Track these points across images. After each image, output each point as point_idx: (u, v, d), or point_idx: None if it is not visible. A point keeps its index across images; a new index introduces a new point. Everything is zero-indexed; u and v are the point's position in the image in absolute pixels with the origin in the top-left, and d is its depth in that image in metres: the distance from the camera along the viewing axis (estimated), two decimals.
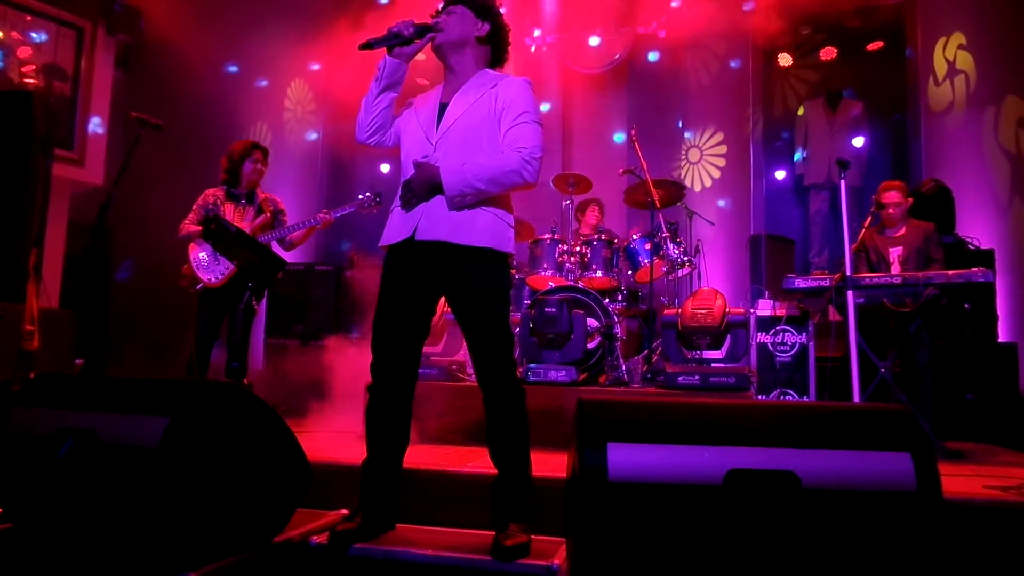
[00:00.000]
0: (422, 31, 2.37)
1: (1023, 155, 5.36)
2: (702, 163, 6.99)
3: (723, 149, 6.93)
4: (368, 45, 2.35)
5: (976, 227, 5.24)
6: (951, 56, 5.87)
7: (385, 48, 2.37)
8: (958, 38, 5.83)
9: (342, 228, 7.67)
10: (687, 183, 6.85)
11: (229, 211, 4.03)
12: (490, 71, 2.48)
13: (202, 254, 3.96)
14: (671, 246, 4.64)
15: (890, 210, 4.14)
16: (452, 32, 2.40)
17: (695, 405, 1.89)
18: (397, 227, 2.36)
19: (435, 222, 2.28)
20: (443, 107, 2.40)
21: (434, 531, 2.43)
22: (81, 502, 1.98)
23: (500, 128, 2.33)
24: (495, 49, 2.50)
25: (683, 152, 7.04)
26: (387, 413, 2.37)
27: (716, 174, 6.93)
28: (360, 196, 4.18)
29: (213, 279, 3.92)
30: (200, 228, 3.93)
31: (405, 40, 2.35)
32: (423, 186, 2.27)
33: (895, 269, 4.06)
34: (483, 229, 2.28)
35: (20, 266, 3.61)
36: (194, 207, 4.06)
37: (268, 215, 4.06)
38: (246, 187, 4.10)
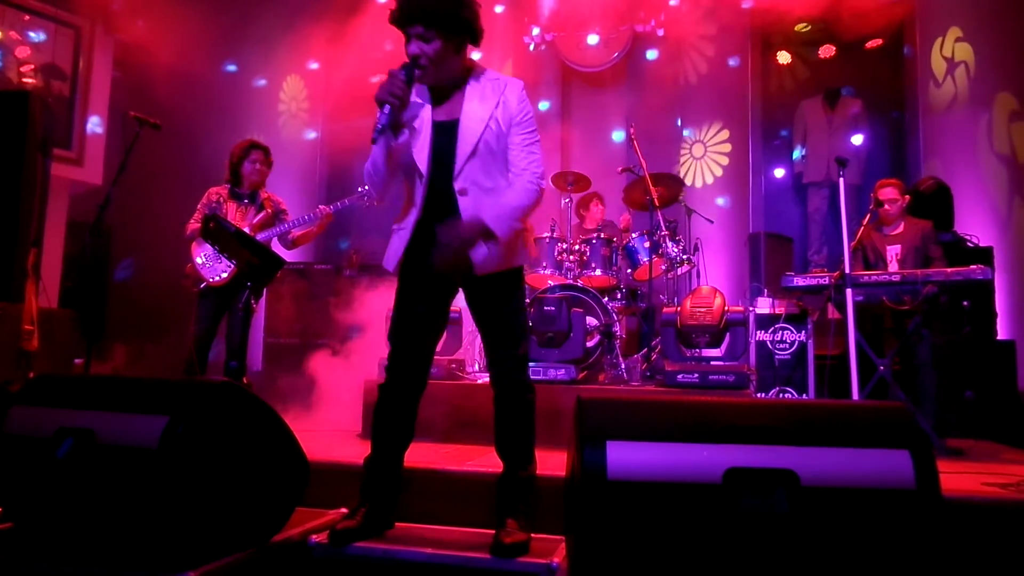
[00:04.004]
0: (409, 78, 2.18)
1: (1020, 153, 5.36)
2: (706, 159, 6.95)
3: (727, 148, 6.89)
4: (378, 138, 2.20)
5: (975, 225, 5.23)
6: (948, 52, 5.86)
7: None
8: (955, 32, 5.82)
9: (341, 227, 7.67)
10: (688, 180, 6.81)
11: (231, 210, 4.02)
12: (484, 71, 2.36)
13: (205, 253, 3.96)
14: (670, 244, 4.64)
15: (887, 207, 4.13)
16: (437, 68, 2.24)
17: (694, 403, 1.90)
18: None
19: (493, 256, 2.26)
20: (445, 126, 2.29)
21: (433, 529, 2.43)
22: (80, 502, 1.98)
23: (508, 138, 2.31)
24: (472, 39, 2.31)
25: (688, 147, 6.99)
26: (397, 413, 2.41)
27: (718, 171, 6.89)
28: (360, 189, 4.17)
29: (216, 278, 3.91)
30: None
31: (402, 104, 2.19)
32: (473, 237, 2.21)
33: (892, 267, 4.06)
34: (520, 251, 2.37)
35: (19, 266, 3.61)
36: (199, 206, 4.06)
37: (268, 212, 4.06)
38: (248, 187, 4.10)
